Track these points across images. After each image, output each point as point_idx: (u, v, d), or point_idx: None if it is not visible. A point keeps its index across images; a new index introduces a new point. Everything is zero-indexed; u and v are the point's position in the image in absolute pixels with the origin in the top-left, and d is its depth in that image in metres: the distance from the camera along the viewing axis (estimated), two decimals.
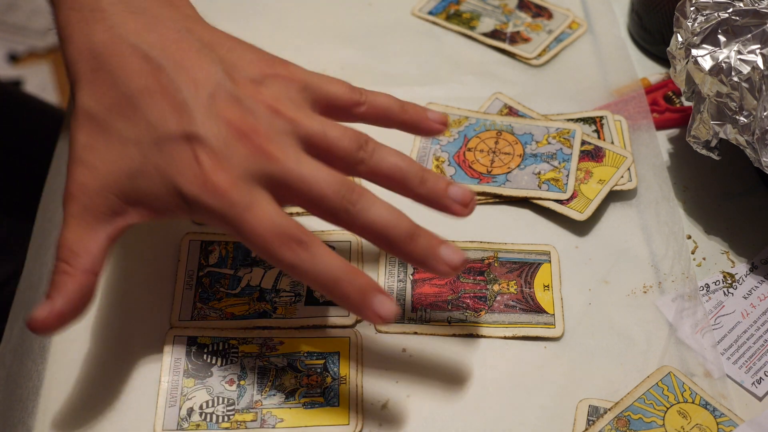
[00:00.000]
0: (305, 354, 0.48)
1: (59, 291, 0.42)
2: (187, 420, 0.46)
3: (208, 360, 0.48)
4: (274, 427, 0.46)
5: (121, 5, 0.46)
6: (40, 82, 1.66)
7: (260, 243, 0.42)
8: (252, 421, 0.46)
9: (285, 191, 0.43)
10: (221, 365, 0.48)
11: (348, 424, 0.46)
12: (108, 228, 0.43)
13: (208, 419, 0.46)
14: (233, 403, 0.46)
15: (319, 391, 0.47)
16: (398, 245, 0.43)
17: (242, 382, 0.47)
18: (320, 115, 0.45)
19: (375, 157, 0.44)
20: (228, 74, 0.44)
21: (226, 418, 0.46)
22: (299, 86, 0.46)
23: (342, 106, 0.47)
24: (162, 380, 0.47)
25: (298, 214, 0.54)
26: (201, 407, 0.46)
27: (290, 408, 0.46)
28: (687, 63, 0.52)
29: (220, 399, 0.47)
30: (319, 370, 0.48)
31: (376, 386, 0.48)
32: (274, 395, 0.47)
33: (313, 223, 0.55)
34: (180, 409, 0.46)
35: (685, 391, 0.47)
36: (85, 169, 0.43)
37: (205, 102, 0.43)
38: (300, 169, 0.42)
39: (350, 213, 0.43)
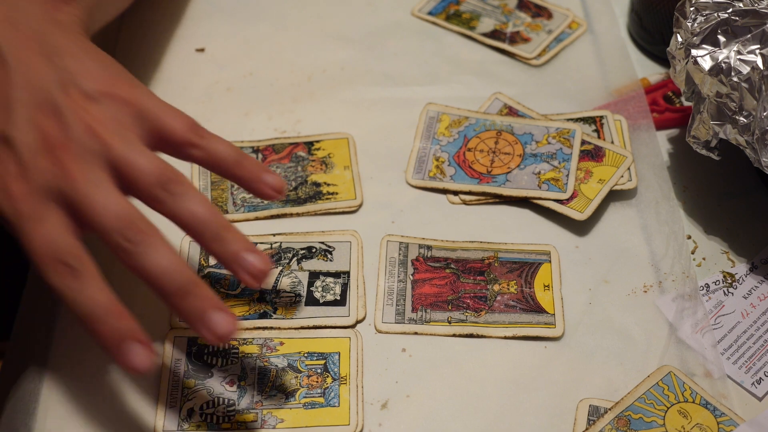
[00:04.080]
0: (305, 354, 0.48)
1: None
2: (187, 421, 0.46)
3: (209, 361, 0.48)
4: (274, 428, 0.46)
5: None
6: None
7: (34, 260, 0.41)
8: (252, 421, 0.46)
9: (77, 213, 0.42)
10: (221, 366, 0.48)
11: (348, 425, 0.46)
12: None
13: (208, 420, 0.46)
14: (234, 404, 0.46)
15: (319, 391, 0.47)
16: (169, 298, 0.41)
17: (242, 383, 0.47)
18: (145, 146, 0.43)
19: (176, 200, 0.42)
20: (62, 84, 0.43)
21: (226, 419, 0.46)
22: (134, 111, 0.44)
23: (174, 143, 0.45)
24: (162, 381, 0.47)
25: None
26: (201, 408, 0.46)
27: (291, 408, 0.46)
28: (687, 63, 0.52)
29: (221, 400, 0.47)
30: (319, 371, 0.48)
31: (376, 386, 0.48)
32: (274, 396, 0.47)
33: (314, 223, 0.55)
34: (180, 410, 0.46)
35: (686, 390, 0.47)
36: None
37: (28, 106, 0.43)
38: (91, 193, 0.41)
39: (127, 252, 0.41)
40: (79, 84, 0.44)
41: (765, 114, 0.49)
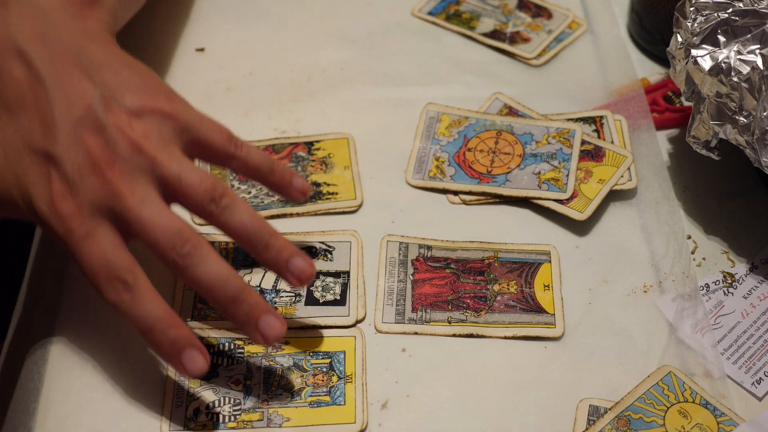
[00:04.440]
0: (311, 353, 0.48)
1: None
2: (193, 420, 0.46)
3: (214, 360, 0.48)
4: (280, 427, 0.46)
5: (26, 7, 0.46)
6: None
7: (88, 275, 0.43)
8: (258, 420, 0.46)
9: (126, 227, 0.43)
10: (227, 365, 0.48)
11: (354, 423, 0.46)
12: None
13: (214, 419, 0.46)
14: (239, 403, 0.46)
15: (325, 390, 0.47)
16: (222, 306, 0.44)
17: (248, 382, 0.47)
18: (188, 158, 0.45)
19: (225, 213, 0.44)
20: (104, 100, 0.44)
21: (232, 418, 0.46)
22: (176, 125, 0.45)
23: (214, 154, 0.47)
24: (168, 381, 0.47)
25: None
26: (207, 407, 0.46)
27: (296, 407, 0.46)
28: (687, 63, 0.52)
29: (227, 399, 0.47)
30: (324, 369, 0.48)
31: (376, 386, 0.48)
32: (280, 395, 0.47)
33: (314, 223, 0.55)
34: (186, 409, 0.46)
35: (686, 390, 0.47)
36: None
37: (71, 124, 0.43)
38: (141, 210, 0.43)
39: (177, 265, 0.43)
40: (120, 99, 0.44)
41: (765, 114, 0.49)
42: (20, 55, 0.44)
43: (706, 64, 0.51)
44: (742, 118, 0.50)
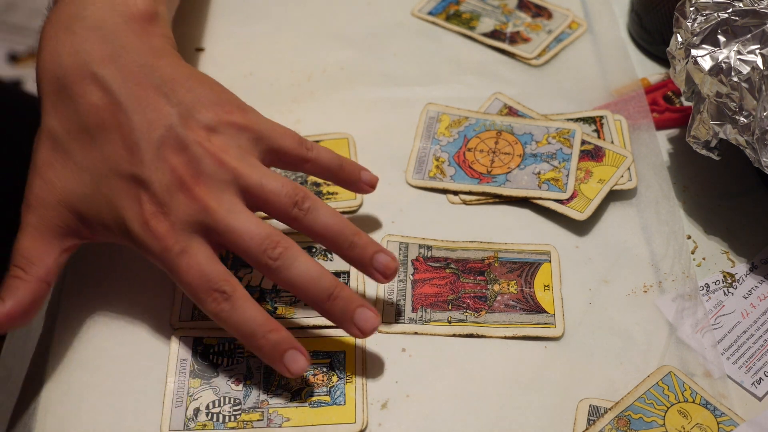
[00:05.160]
0: (311, 353, 0.48)
1: (12, 294, 0.44)
2: (193, 420, 0.46)
3: (215, 360, 0.48)
4: (280, 426, 0.46)
5: (92, 31, 0.46)
6: None
7: (187, 289, 0.45)
8: (258, 420, 0.46)
9: (218, 238, 0.45)
10: (227, 365, 0.48)
11: (354, 422, 0.46)
12: (63, 242, 0.46)
13: (214, 419, 0.46)
14: (240, 403, 0.47)
15: (325, 390, 0.47)
16: (317, 303, 0.46)
17: (248, 382, 0.47)
18: (265, 166, 0.47)
19: (309, 216, 0.46)
20: (182, 118, 0.45)
21: (232, 418, 0.46)
22: (252, 136, 0.47)
23: (288, 160, 0.49)
24: (168, 381, 0.47)
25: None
26: (207, 407, 0.46)
27: (296, 407, 0.46)
28: (687, 63, 0.53)
29: (227, 399, 0.47)
30: (325, 369, 0.48)
31: (376, 386, 0.48)
32: (280, 394, 0.47)
33: None
34: (186, 409, 0.46)
35: (686, 390, 0.47)
36: (44, 184, 0.45)
37: (155, 145, 0.44)
38: (230, 220, 0.44)
39: (270, 268, 0.45)
40: (196, 116, 0.46)
41: (765, 114, 0.49)
42: (95, 80, 0.45)
43: (706, 64, 0.51)
44: (742, 118, 0.50)
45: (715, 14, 0.52)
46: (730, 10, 0.52)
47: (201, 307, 0.45)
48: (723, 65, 0.51)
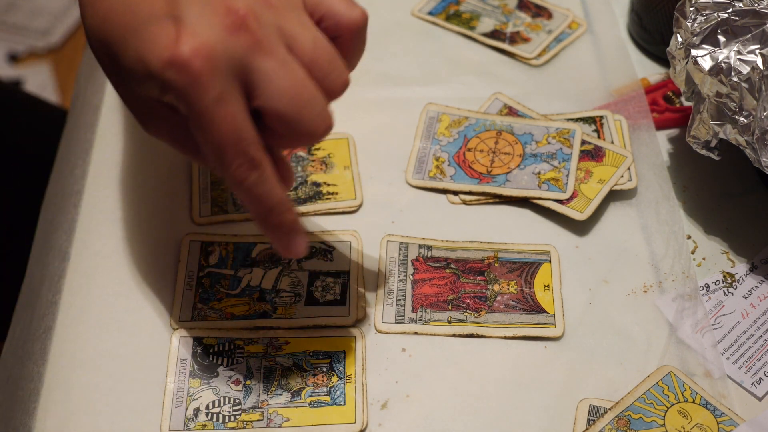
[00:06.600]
0: (311, 353, 0.48)
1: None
2: (193, 420, 0.46)
3: (214, 360, 0.48)
4: (280, 427, 0.46)
5: None
6: (40, 82, 1.66)
7: (216, 144, 0.39)
8: (258, 420, 0.46)
9: (251, 89, 0.40)
10: (227, 365, 0.48)
11: (354, 423, 0.46)
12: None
13: (214, 419, 0.46)
14: (239, 403, 0.47)
15: (325, 390, 0.47)
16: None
17: (248, 382, 0.47)
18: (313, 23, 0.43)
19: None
20: None
21: (232, 418, 0.46)
22: None
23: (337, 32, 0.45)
24: (168, 381, 0.47)
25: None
26: (207, 407, 0.46)
27: (296, 407, 0.46)
28: (687, 63, 0.53)
29: (227, 399, 0.47)
30: (324, 369, 0.48)
31: (376, 386, 0.48)
32: (280, 395, 0.47)
33: (314, 223, 0.55)
34: (186, 409, 0.46)
35: (686, 390, 0.47)
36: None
37: None
38: (283, 71, 0.40)
39: (298, 121, 0.41)
40: None
41: (765, 114, 0.49)
42: None
43: (706, 64, 0.51)
44: (742, 118, 0.50)
45: (715, 14, 0.52)
46: (730, 10, 0.52)
47: (224, 168, 0.40)
48: (723, 65, 0.51)
